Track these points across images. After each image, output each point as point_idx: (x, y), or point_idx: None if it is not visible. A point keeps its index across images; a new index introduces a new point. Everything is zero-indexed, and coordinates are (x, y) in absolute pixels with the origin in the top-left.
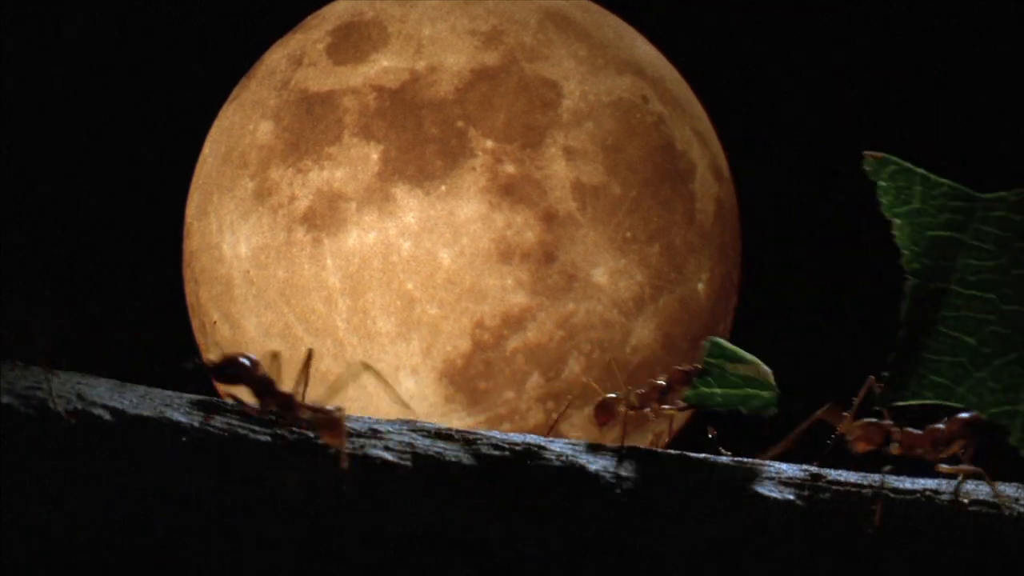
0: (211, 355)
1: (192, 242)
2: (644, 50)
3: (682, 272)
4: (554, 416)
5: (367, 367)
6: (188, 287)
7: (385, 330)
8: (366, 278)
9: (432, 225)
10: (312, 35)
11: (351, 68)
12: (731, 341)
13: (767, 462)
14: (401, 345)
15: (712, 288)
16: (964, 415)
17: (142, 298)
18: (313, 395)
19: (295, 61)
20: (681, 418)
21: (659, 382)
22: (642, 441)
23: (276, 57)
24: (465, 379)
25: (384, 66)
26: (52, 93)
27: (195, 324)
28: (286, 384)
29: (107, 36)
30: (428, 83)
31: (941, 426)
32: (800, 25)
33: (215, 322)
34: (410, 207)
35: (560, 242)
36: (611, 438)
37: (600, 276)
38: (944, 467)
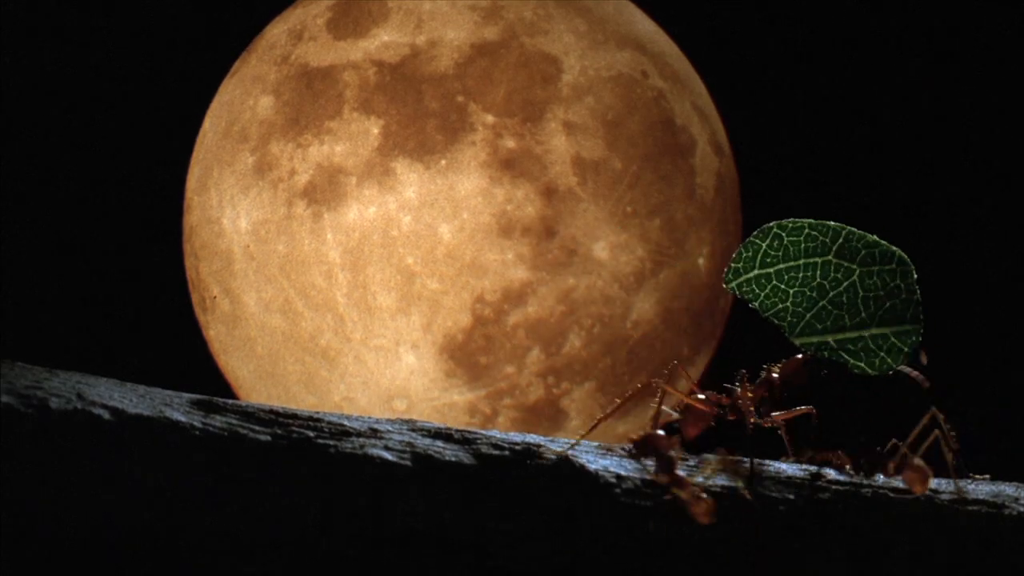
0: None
1: (192, 217)
2: (644, 25)
3: (683, 247)
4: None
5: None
6: (188, 262)
7: (385, 305)
8: (366, 253)
9: (432, 199)
10: (312, 9)
11: (351, 43)
12: (730, 315)
13: (766, 461)
14: (401, 320)
15: (713, 263)
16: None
17: (142, 273)
18: (313, 373)
19: (295, 36)
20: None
21: (771, 375)
22: (640, 421)
23: (276, 32)
24: (466, 354)
25: (384, 41)
26: (51, 69)
27: (195, 299)
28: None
29: (107, 11)
30: (428, 58)
31: (775, 375)
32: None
33: (215, 297)
34: (410, 181)
35: (561, 217)
36: (612, 437)
37: (601, 251)
38: (776, 415)
